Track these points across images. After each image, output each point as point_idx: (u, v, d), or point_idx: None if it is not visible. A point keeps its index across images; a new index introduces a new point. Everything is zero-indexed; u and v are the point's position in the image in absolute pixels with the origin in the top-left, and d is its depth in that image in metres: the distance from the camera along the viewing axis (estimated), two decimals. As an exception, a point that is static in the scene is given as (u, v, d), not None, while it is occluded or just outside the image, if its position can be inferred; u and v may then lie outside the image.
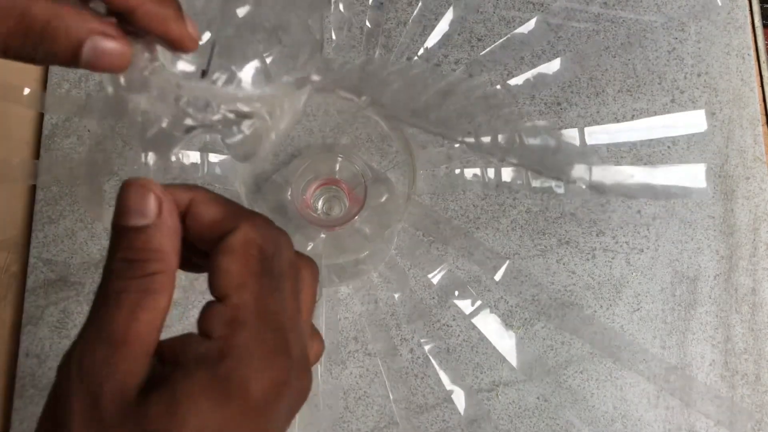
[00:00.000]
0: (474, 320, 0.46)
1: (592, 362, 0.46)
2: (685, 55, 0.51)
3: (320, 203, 0.45)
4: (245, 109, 0.25)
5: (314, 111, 0.46)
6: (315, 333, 0.25)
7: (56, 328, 0.45)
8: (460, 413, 0.44)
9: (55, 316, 0.45)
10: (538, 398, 0.45)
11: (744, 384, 0.46)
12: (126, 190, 0.22)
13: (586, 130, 0.48)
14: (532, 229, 0.48)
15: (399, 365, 0.45)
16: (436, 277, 0.46)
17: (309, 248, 0.41)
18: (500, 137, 0.47)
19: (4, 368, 0.44)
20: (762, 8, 0.54)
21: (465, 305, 0.46)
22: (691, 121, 0.49)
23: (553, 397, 0.45)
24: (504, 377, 0.45)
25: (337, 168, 0.44)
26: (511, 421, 0.44)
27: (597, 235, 0.48)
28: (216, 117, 0.24)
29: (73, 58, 0.21)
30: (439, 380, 0.45)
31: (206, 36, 0.26)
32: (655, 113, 0.50)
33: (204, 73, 0.25)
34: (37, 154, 0.48)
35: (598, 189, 0.44)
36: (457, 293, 0.46)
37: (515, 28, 0.51)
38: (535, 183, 0.47)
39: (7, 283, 0.45)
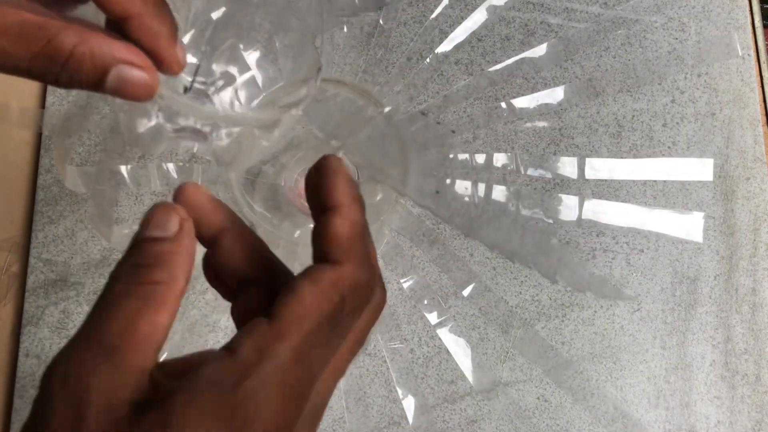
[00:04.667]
0: (438, 332, 0.46)
1: (592, 362, 0.46)
2: (685, 55, 0.51)
3: None
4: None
5: (315, 111, 0.46)
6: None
7: (56, 329, 0.45)
8: (463, 413, 0.44)
9: (55, 316, 0.45)
10: (538, 398, 0.45)
11: (744, 384, 0.46)
12: (153, 209, 0.22)
13: (588, 161, 0.48)
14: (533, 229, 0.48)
15: (400, 365, 0.45)
16: (407, 283, 0.46)
17: (296, 235, 0.41)
18: (496, 157, 0.47)
19: (4, 368, 0.44)
20: (762, 8, 0.54)
21: (432, 316, 0.46)
22: (698, 169, 0.49)
23: (553, 397, 0.45)
24: (504, 377, 0.45)
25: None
26: (511, 421, 0.44)
27: (597, 235, 0.48)
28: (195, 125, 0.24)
29: (98, 85, 0.21)
30: (440, 380, 0.45)
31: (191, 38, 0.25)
32: (656, 113, 0.50)
33: (186, 90, 0.25)
34: (37, 154, 0.48)
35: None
36: (425, 302, 0.46)
37: (515, 28, 0.51)
38: (525, 212, 0.47)
39: (7, 283, 0.45)
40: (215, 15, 0.26)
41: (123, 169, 0.46)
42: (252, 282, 0.23)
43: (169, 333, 0.21)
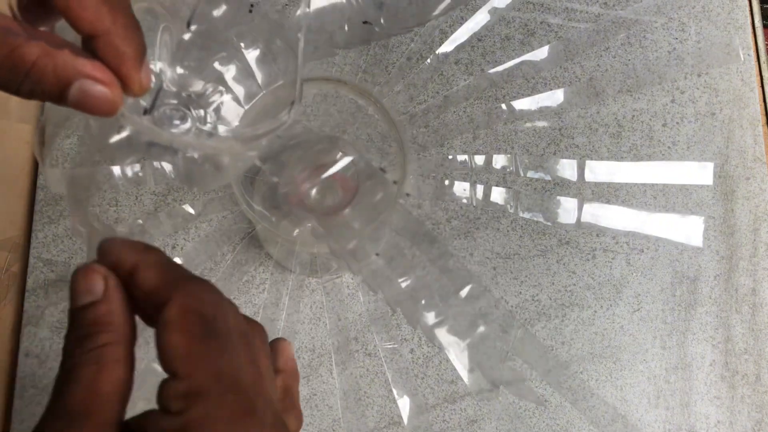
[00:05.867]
0: (436, 331, 0.45)
1: (592, 362, 0.46)
2: (685, 56, 0.51)
3: (313, 192, 0.45)
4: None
5: (315, 111, 0.46)
6: (290, 406, 0.25)
7: (56, 329, 0.45)
8: (463, 413, 0.44)
9: (55, 316, 0.45)
10: (538, 398, 0.45)
11: (744, 384, 0.46)
12: (74, 276, 0.22)
13: (587, 163, 0.48)
14: (533, 230, 0.48)
15: (399, 366, 0.45)
16: (405, 283, 0.46)
17: (295, 234, 0.41)
18: (495, 159, 0.47)
19: (4, 368, 0.44)
20: (762, 8, 0.54)
21: (429, 316, 0.46)
22: (698, 173, 0.49)
23: (553, 397, 0.45)
24: (504, 377, 0.45)
25: (336, 159, 0.44)
26: (511, 421, 0.44)
27: (597, 235, 0.48)
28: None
29: (60, 97, 0.21)
30: (440, 380, 0.45)
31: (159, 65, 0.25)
32: (656, 113, 0.50)
33: (146, 111, 0.25)
34: (37, 154, 0.48)
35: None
36: (423, 302, 0.46)
37: (515, 28, 0.51)
38: (525, 214, 0.47)
39: (7, 283, 0.45)
40: (187, 35, 0.26)
41: (116, 170, 0.46)
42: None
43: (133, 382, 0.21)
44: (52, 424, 0.20)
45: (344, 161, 0.38)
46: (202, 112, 0.26)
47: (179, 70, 0.26)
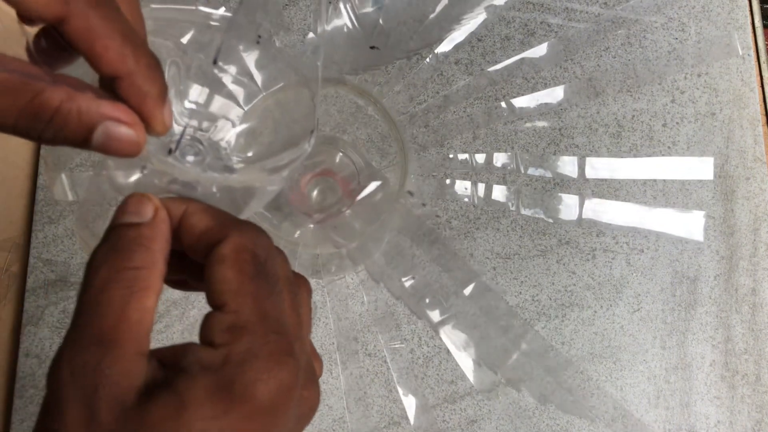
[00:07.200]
0: (441, 330, 0.45)
1: (592, 362, 0.46)
2: (685, 55, 0.51)
3: (314, 193, 0.45)
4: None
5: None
6: (314, 352, 0.25)
7: (56, 328, 0.45)
8: (463, 413, 0.44)
9: (55, 316, 0.45)
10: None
11: (744, 384, 0.46)
12: (127, 198, 0.22)
13: (588, 160, 0.48)
14: (533, 230, 0.48)
15: (402, 365, 0.45)
16: (409, 282, 0.46)
17: (296, 235, 0.41)
18: (495, 157, 0.47)
19: (4, 368, 0.44)
20: (762, 8, 0.54)
21: (434, 314, 0.46)
22: (699, 168, 0.49)
23: (553, 397, 0.45)
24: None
25: (336, 161, 0.44)
26: (511, 421, 0.44)
27: (597, 235, 0.48)
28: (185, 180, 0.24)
29: (84, 142, 0.21)
30: (440, 380, 0.45)
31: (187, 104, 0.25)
32: (656, 113, 0.50)
33: (171, 151, 0.25)
34: (37, 154, 0.48)
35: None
36: (427, 300, 0.46)
37: (515, 28, 0.51)
38: (526, 211, 0.47)
39: (7, 283, 0.45)
40: (194, 69, 0.26)
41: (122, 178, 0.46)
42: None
43: (170, 331, 0.21)
44: (81, 353, 0.19)
45: (372, 186, 0.38)
46: (217, 145, 0.26)
47: (188, 105, 0.26)
